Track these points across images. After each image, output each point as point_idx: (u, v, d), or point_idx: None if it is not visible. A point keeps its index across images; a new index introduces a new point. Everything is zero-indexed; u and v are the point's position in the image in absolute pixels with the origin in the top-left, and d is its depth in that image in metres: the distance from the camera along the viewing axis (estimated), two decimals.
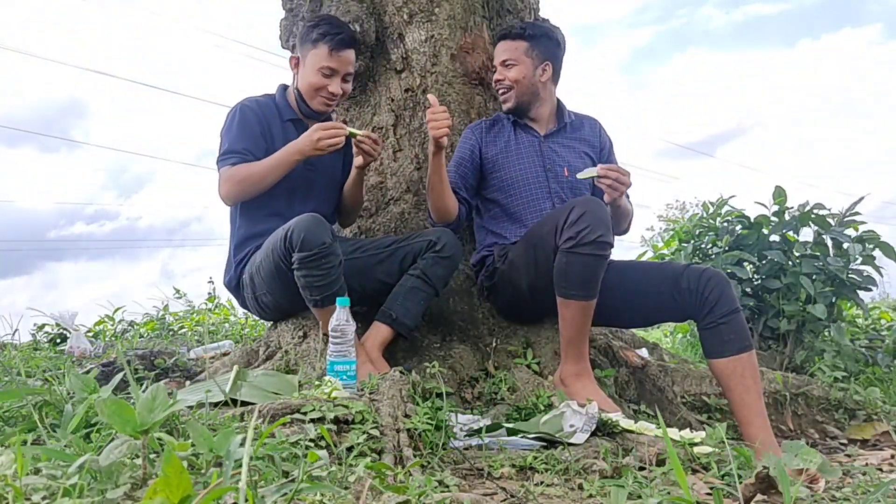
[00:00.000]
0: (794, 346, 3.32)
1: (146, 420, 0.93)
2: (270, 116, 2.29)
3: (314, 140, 2.08)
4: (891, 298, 8.35)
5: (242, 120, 2.23)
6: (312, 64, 2.25)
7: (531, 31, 2.36)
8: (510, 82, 2.35)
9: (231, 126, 2.23)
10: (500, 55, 2.38)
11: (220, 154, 2.21)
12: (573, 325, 2.02)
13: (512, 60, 2.35)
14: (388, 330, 2.12)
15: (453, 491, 1.23)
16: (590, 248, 1.93)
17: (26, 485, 0.89)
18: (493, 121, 2.46)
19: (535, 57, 2.35)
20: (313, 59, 2.25)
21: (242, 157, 2.17)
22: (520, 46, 2.35)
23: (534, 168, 2.35)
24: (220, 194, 2.20)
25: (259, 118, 2.25)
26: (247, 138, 2.21)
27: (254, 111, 2.26)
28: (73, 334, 3.24)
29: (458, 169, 2.35)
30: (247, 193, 2.18)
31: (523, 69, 2.35)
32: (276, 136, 2.26)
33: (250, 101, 2.30)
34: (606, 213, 1.98)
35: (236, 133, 2.21)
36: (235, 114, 2.25)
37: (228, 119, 2.26)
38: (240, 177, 2.15)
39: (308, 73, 2.26)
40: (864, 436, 2.37)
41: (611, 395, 2.14)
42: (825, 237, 3.33)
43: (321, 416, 1.40)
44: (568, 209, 1.99)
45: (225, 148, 2.20)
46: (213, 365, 2.34)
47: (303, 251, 1.92)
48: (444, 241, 2.19)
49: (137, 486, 0.93)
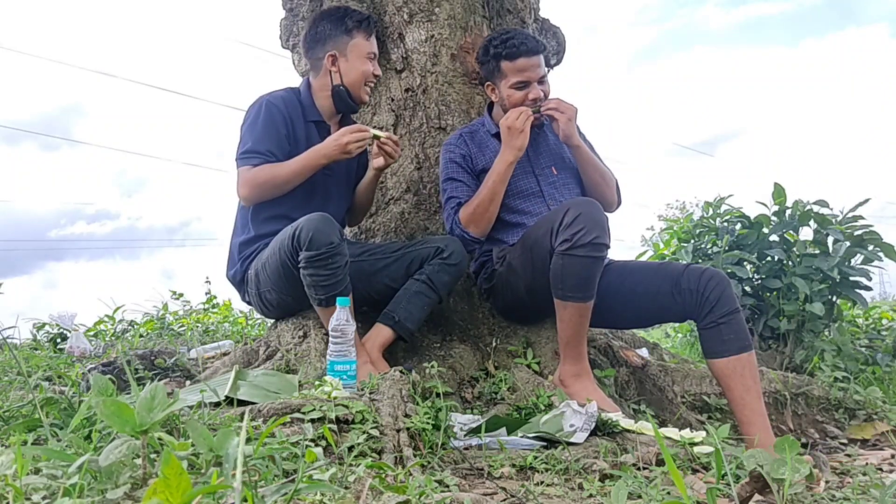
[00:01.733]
0: (795, 345, 3.32)
1: (145, 420, 0.93)
2: (295, 117, 2.24)
3: (342, 144, 2.06)
4: (891, 298, 8.35)
5: (268, 119, 2.18)
6: (357, 53, 2.22)
7: (544, 44, 2.33)
8: (543, 99, 2.27)
9: (255, 123, 2.17)
10: (536, 71, 2.25)
11: (241, 151, 2.16)
12: (571, 327, 2.02)
13: (546, 77, 2.30)
14: (389, 332, 2.12)
15: (453, 491, 1.23)
16: (585, 249, 1.93)
17: (26, 484, 0.89)
18: (471, 132, 2.39)
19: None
20: (357, 49, 2.22)
21: (265, 159, 2.13)
22: (542, 61, 2.29)
23: (525, 175, 2.32)
24: (240, 194, 2.17)
25: (285, 119, 2.20)
26: (271, 139, 2.16)
27: (280, 111, 2.20)
28: (72, 334, 3.24)
29: (469, 181, 2.31)
30: (267, 196, 2.16)
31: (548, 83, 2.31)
32: (300, 139, 2.22)
33: (276, 98, 2.23)
34: (602, 214, 1.98)
35: (261, 132, 2.16)
36: (260, 110, 2.19)
37: (252, 114, 2.20)
38: (262, 179, 2.12)
39: (355, 63, 2.23)
40: (864, 435, 2.37)
41: (611, 394, 2.14)
42: (826, 235, 3.33)
43: (321, 416, 1.40)
44: (563, 211, 1.98)
45: (248, 147, 2.15)
46: (213, 365, 2.34)
47: (310, 250, 1.92)
48: (451, 248, 2.19)
49: (137, 486, 0.93)
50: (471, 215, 2.22)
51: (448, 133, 2.50)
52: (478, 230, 2.23)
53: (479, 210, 2.21)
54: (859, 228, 3.29)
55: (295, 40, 2.72)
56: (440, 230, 2.49)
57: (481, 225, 2.23)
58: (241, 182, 2.15)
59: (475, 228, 2.23)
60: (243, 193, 2.16)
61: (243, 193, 2.16)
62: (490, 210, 2.22)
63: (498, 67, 2.27)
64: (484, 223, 2.23)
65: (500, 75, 2.28)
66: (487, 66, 2.32)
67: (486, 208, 2.21)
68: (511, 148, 2.16)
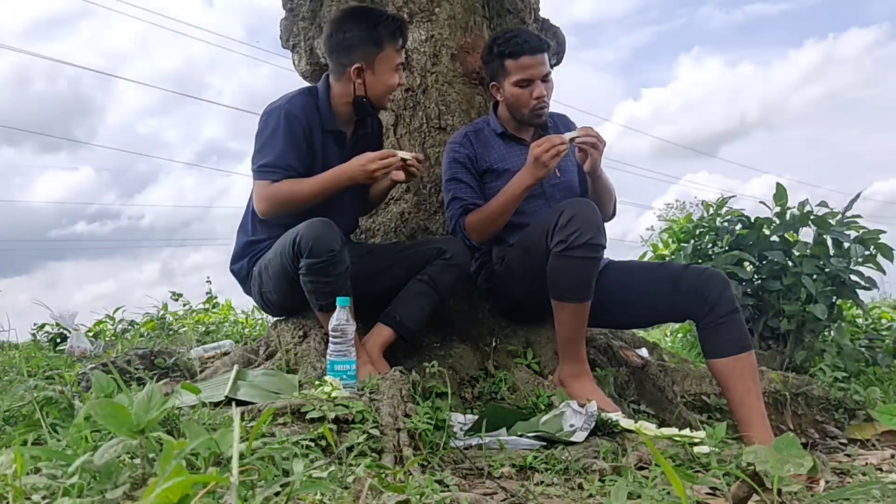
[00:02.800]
0: (795, 346, 3.31)
1: (142, 420, 0.93)
2: (314, 127, 2.16)
3: (369, 170, 2.03)
4: (891, 298, 8.35)
5: (289, 131, 2.09)
6: (387, 66, 2.14)
7: (547, 43, 2.32)
8: (546, 96, 2.26)
9: (275, 135, 2.09)
10: (540, 69, 2.24)
11: (260, 163, 2.09)
12: (569, 327, 2.02)
13: (550, 76, 2.29)
14: (390, 332, 2.12)
15: (453, 490, 1.23)
16: (581, 250, 1.92)
17: (26, 484, 0.89)
18: (476, 130, 2.37)
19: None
20: (386, 62, 2.14)
21: (285, 174, 2.07)
22: (546, 59, 2.28)
23: None
24: (258, 209, 2.11)
25: (304, 131, 2.12)
26: (292, 154, 2.08)
27: (300, 122, 2.11)
28: (73, 334, 3.24)
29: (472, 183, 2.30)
30: (285, 212, 2.10)
31: (552, 82, 2.31)
32: (317, 149, 2.17)
33: (295, 107, 2.14)
34: (597, 215, 1.97)
35: (282, 146, 2.08)
36: (280, 120, 2.10)
37: (272, 123, 2.11)
38: (282, 197, 2.06)
39: (384, 75, 2.15)
40: (864, 435, 2.37)
41: (611, 394, 2.14)
42: (826, 237, 3.33)
43: (321, 416, 1.40)
44: (558, 212, 1.98)
45: (269, 161, 2.08)
46: (213, 364, 2.34)
47: (311, 258, 1.91)
48: (453, 249, 2.19)
49: (137, 486, 0.93)
50: (477, 224, 2.22)
51: (448, 133, 2.50)
52: (479, 239, 2.24)
53: (487, 222, 2.21)
54: (860, 228, 3.29)
55: (295, 40, 2.72)
56: (440, 230, 2.50)
57: (484, 235, 2.24)
58: (259, 197, 2.09)
59: (477, 237, 2.23)
60: (261, 209, 2.10)
61: (261, 209, 2.10)
62: (496, 224, 2.22)
63: (502, 66, 2.26)
64: (487, 235, 2.24)
65: (503, 73, 2.27)
66: (492, 66, 2.31)
67: (494, 222, 2.21)
68: (533, 176, 2.12)
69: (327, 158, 2.18)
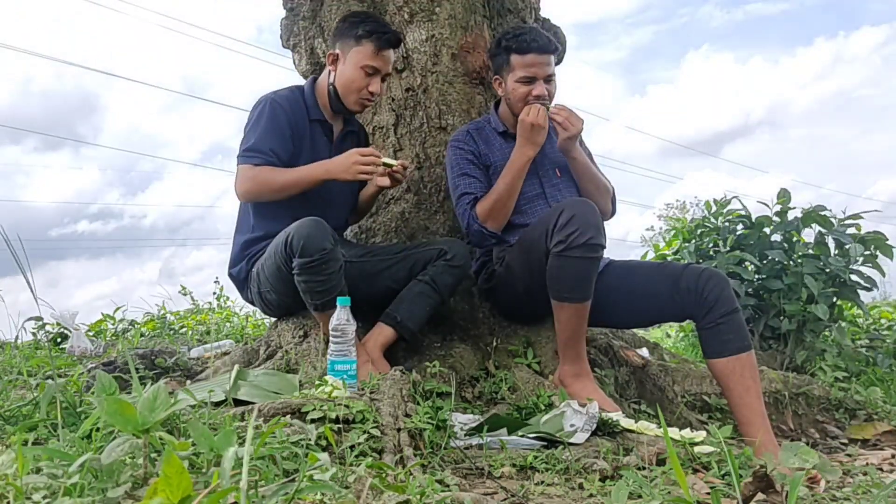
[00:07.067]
0: (795, 345, 3.32)
1: (147, 419, 0.93)
2: (299, 116, 2.22)
3: (349, 165, 2.05)
4: (891, 298, 8.34)
5: (272, 118, 2.16)
6: (355, 61, 2.18)
7: (556, 45, 2.31)
8: (548, 98, 2.26)
9: (259, 122, 2.16)
10: (544, 69, 2.24)
11: (243, 148, 2.15)
12: (569, 327, 2.02)
13: (553, 76, 2.29)
14: (390, 331, 2.12)
15: (454, 490, 1.23)
16: (580, 250, 1.92)
17: (27, 483, 0.89)
18: (478, 128, 2.38)
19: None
20: (356, 57, 2.18)
21: (267, 159, 2.12)
22: (552, 61, 2.28)
23: (528, 177, 2.27)
24: (237, 190, 2.17)
25: (289, 119, 2.18)
26: (274, 139, 2.14)
27: (284, 110, 2.18)
28: (73, 333, 3.23)
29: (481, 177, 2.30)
30: (264, 197, 2.17)
31: (555, 83, 2.31)
32: (304, 137, 2.22)
33: (280, 97, 2.22)
34: (597, 215, 1.97)
35: (264, 131, 2.14)
36: (264, 109, 2.18)
37: (256, 112, 2.19)
38: (261, 180, 2.11)
39: (349, 69, 2.20)
40: (865, 435, 2.37)
41: (611, 394, 2.14)
42: (827, 237, 3.33)
43: (322, 416, 1.40)
44: (557, 212, 1.98)
45: (250, 144, 2.13)
46: (213, 364, 2.34)
47: (303, 257, 1.92)
48: (454, 250, 2.20)
49: (138, 486, 0.93)
50: (489, 210, 2.22)
51: (449, 133, 2.50)
52: (496, 224, 2.23)
53: (498, 205, 2.21)
54: (861, 228, 3.29)
55: (296, 40, 2.72)
56: (441, 230, 2.50)
57: (499, 219, 2.23)
58: (239, 179, 2.15)
59: (493, 223, 2.23)
60: (240, 190, 2.16)
61: (240, 190, 2.16)
62: (508, 205, 2.22)
63: (507, 60, 2.27)
64: (502, 217, 2.23)
65: (508, 68, 2.28)
66: (498, 59, 2.32)
67: (505, 203, 2.21)
68: (531, 143, 2.15)
69: (316, 150, 2.24)
